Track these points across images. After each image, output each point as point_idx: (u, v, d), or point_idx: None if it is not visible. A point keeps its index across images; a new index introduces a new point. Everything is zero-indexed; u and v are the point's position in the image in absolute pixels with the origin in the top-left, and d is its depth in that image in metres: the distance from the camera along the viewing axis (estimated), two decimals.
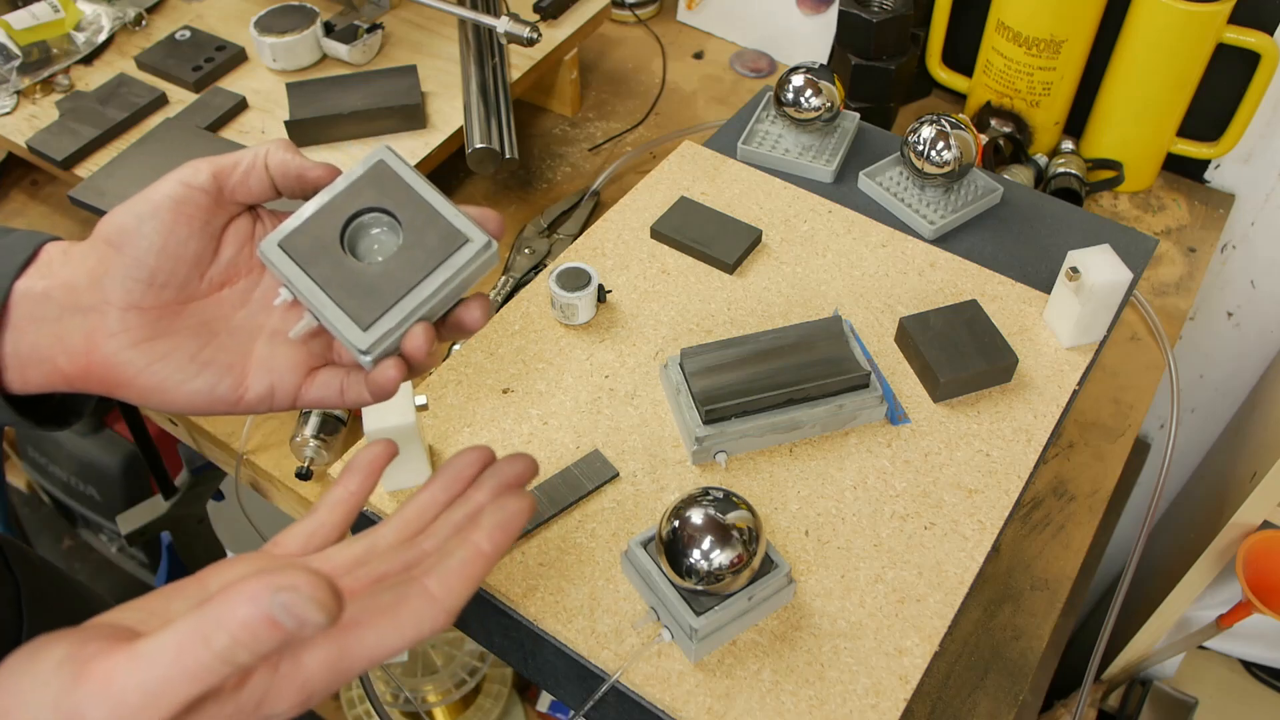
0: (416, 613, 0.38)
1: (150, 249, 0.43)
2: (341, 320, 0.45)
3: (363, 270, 0.46)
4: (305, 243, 0.46)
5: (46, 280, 0.43)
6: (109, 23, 1.04)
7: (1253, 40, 0.93)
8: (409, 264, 0.46)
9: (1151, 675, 1.21)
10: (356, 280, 0.45)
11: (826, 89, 0.78)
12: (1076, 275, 0.66)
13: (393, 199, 0.46)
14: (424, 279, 0.45)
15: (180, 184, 0.44)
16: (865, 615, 0.55)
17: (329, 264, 0.45)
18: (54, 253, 0.44)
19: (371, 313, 0.45)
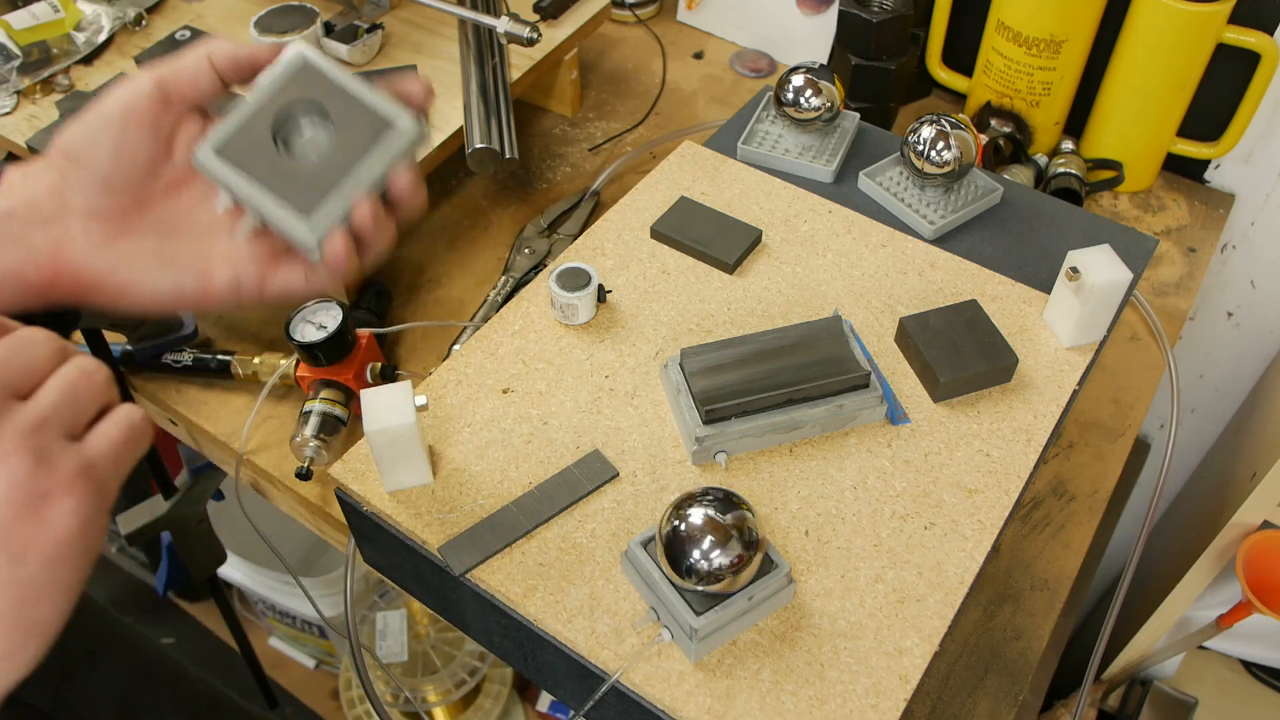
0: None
1: (104, 157, 0.46)
2: (283, 216, 0.47)
3: (298, 165, 0.47)
4: (239, 145, 0.47)
5: (8, 200, 0.46)
6: (109, 23, 1.04)
7: (1253, 40, 0.93)
8: (342, 154, 0.47)
9: (1151, 675, 1.21)
10: (293, 175, 0.47)
11: (826, 89, 0.78)
12: (1076, 275, 0.66)
13: (319, 92, 0.48)
14: (357, 166, 0.47)
15: (127, 92, 0.46)
16: (865, 615, 0.55)
17: (264, 163, 0.47)
18: (13, 175, 0.47)
19: (311, 204, 0.47)
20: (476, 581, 0.57)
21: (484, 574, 0.57)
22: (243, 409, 0.84)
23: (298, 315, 0.77)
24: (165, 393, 0.86)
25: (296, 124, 0.48)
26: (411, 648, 1.45)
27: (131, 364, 0.85)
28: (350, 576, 0.69)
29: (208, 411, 0.84)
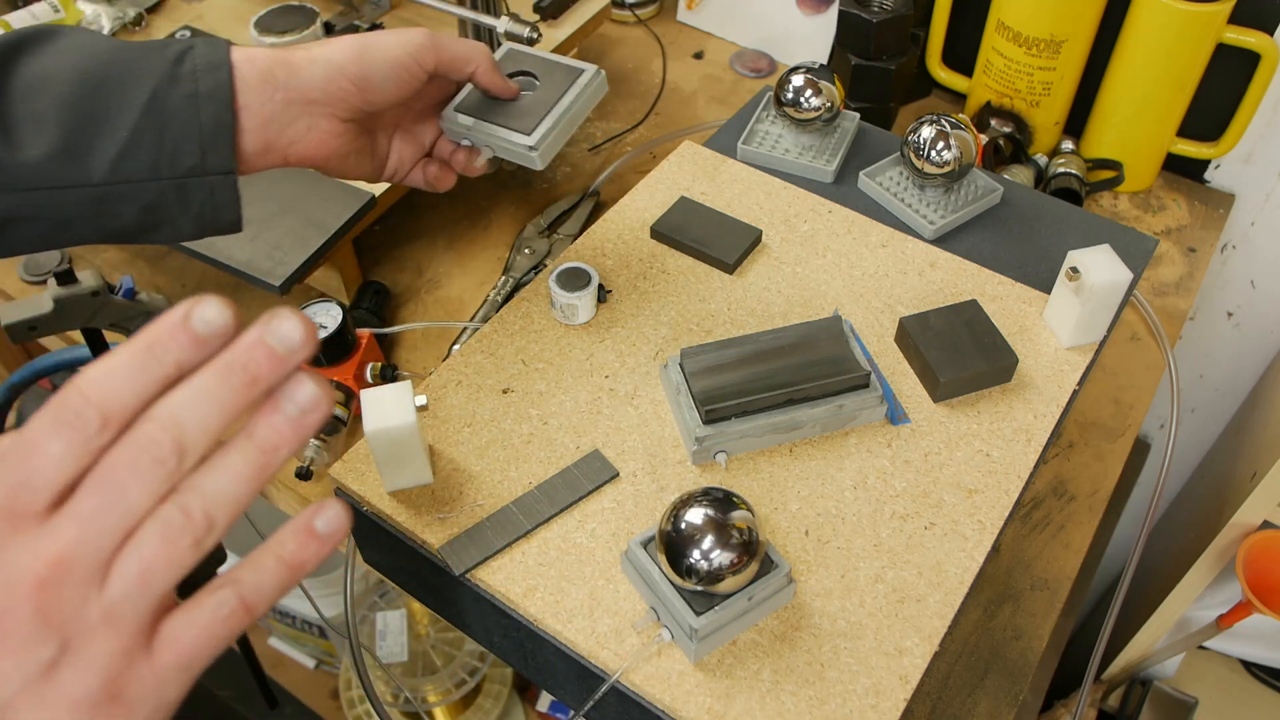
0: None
1: (384, 97, 0.60)
2: (513, 136, 0.64)
3: (517, 106, 0.65)
4: (473, 103, 0.66)
5: (284, 93, 0.57)
6: (109, 23, 1.04)
7: (1253, 40, 0.93)
8: (548, 93, 0.66)
9: (1151, 675, 1.21)
10: (515, 112, 0.65)
11: (826, 89, 0.78)
12: (1076, 275, 0.66)
13: (526, 64, 0.68)
14: (561, 96, 0.65)
15: (415, 62, 0.60)
16: (865, 615, 0.55)
17: (493, 110, 0.65)
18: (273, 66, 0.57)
19: (532, 124, 0.64)
20: (476, 581, 0.57)
21: (484, 574, 0.57)
22: None
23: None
24: None
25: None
26: (411, 648, 1.45)
27: None
28: (350, 576, 0.69)
29: None
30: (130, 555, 0.32)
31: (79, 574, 0.31)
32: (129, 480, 0.31)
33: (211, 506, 0.32)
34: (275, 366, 0.32)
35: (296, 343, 0.33)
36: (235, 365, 0.32)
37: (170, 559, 0.32)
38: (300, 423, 0.33)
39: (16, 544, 0.31)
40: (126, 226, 0.56)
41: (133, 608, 0.32)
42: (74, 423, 0.31)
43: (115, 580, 0.32)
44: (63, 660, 0.31)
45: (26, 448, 0.31)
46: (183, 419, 0.32)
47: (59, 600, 0.31)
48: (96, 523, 0.31)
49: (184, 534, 0.32)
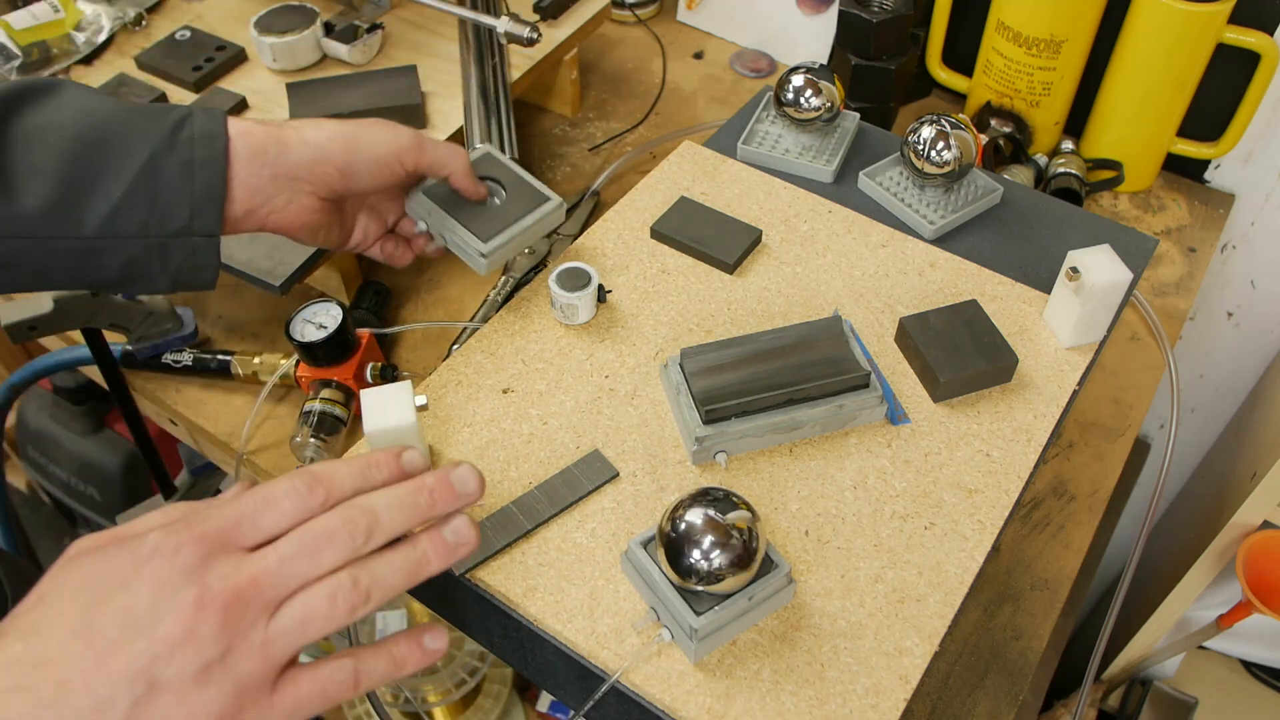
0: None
1: (363, 187, 0.65)
2: (468, 237, 0.68)
3: (480, 210, 0.69)
4: (440, 192, 0.70)
5: (272, 169, 0.60)
6: (109, 23, 1.04)
7: (1253, 40, 0.93)
8: (512, 209, 0.70)
9: (1151, 675, 1.21)
10: (477, 215, 0.69)
11: (826, 89, 0.78)
12: (1076, 275, 0.66)
13: (498, 172, 0.71)
14: (523, 218, 0.69)
15: (398, 162, 0.65)
16: (865, 615, 0.55)
17: (457, 205, 0.69)
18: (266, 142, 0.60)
19: (490, 232, 0.68)
20: (476, 581, 0.57)
21: (484, 574, 0.57)
22: (243, 409, 0.84)
23: (298, 315, 0.77)
24: (165, 393, 0.86)
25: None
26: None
27: (131, 364, 0.85)
28: None
29: (208, 411, 0.84)
30: (300, 601, 0.39)
31: (262, 600, 0.39)
32: (325, 543, 0.40)
33: (372, 585, 0.40)
34: (450, 500, 0.43)
35: (471, 489, 0.44)
36: (424, 489, 0.43)
37: (328, 615, 0.39)
38: (453, 548, 0.43)
39: (226, 560, 0.39)
40: (107, 279, 0.59)
41: (284, 644, 0.39)
42: (305, 493, 0.41)
43: (282, 616, 0.39)
44: (217, 668, 0.38)
45: (266, 495, 0.41)
46: (378, 512, 0.41)
47: (240, 615, 0.38)
48: (291, 564, 0.39)
49: (346, 599, 0.40)
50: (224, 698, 0.38)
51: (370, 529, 0.41)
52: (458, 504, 0.43)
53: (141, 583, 0.38)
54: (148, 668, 0.37)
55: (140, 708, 0.37)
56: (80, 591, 0.38)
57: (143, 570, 0.38)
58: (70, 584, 0.39)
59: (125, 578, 0.38)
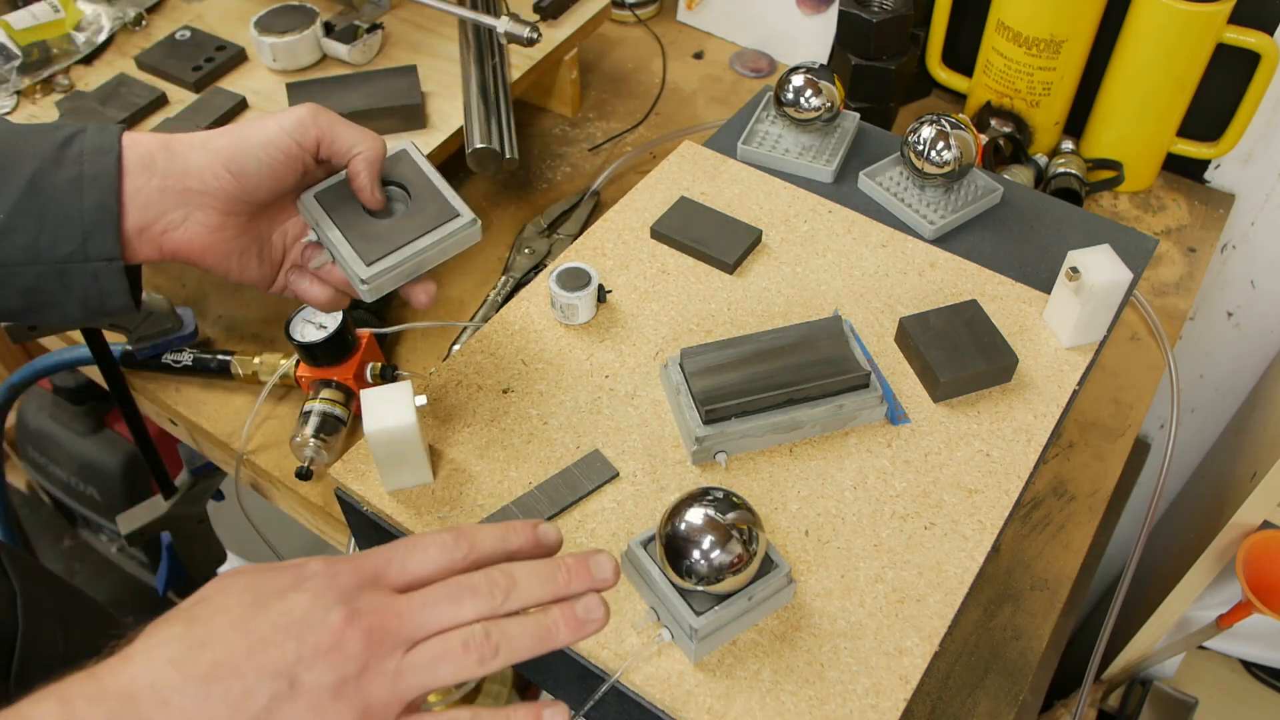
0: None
1: (261, 185, 0.56)
2: (350, 256, 0.58)
3: (374, 224, 0.59)
4: (335, 198, 0.59)
5: (161, 179, 0.54)
6: (109, 23, 1.04)
7: (1253, 40, 0.93)
8: (410, 224, 0.59)
9: (1151, 675, 1.21)
10: (368, 230, 0.58)
11: (826, 89, 0.78)
12: (1076, 275, 0.66)
13: (406, 177, 0.60)
14: (419, 237, 0.58)
15: (293, 141, 0.56)
16: (865, 615, 0.55)
17: (350, 216, 0.59)
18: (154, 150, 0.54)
19: (375, 254, 0.58)
20: None
21: None
22: (243, 409, 0.84)
23: (298, 315, 0.77)
24: (165, 393, 0.86)
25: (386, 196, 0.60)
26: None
27: (131, 364, 0.85)
28: None
29: (208, 411, 0.84)
30: (436, 642, 0.42)
31: (403, 633, 0.41)
32: (468, 594, 0.43)
33: (503, 642, 0.42)
34: (585, 581, 0.45)
35: (606, 576, 0.46)
36: (562, 566, 0.45)
37: (459, 660, 0.42)
38: (583, 623, 0.44)
39: (376, 593, 0.42)
40: (9, 308, 0.55)
41: (414, 679, 0.41)
42: (451, 545, 0.44)
43: (417, 653, 0.41)
44: (352, 684, 0.40)
45: (416, 542, 0.45)
46: (519, 579, 0.44)
47: (381, 641, 0.41)
48: (434, 608, 0.42)
49: (478, 649, 0.42)
50: (351, 715, 0.40)
51: (509, 590, 0.43)
52: (590, 586, 0.45)
53: (301, 595, 0.41)
54: (292, 668, 0.39)
55: (277, 704, 0.39)
56: (244, 594, 0.42)
57: (304, 585, 0.42)
58: (235, 588, 0.42)
59: (286, 589, 0.41)
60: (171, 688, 0.39)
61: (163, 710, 0.38)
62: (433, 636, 0.42)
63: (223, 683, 0.39)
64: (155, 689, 0.39)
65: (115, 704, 0.38)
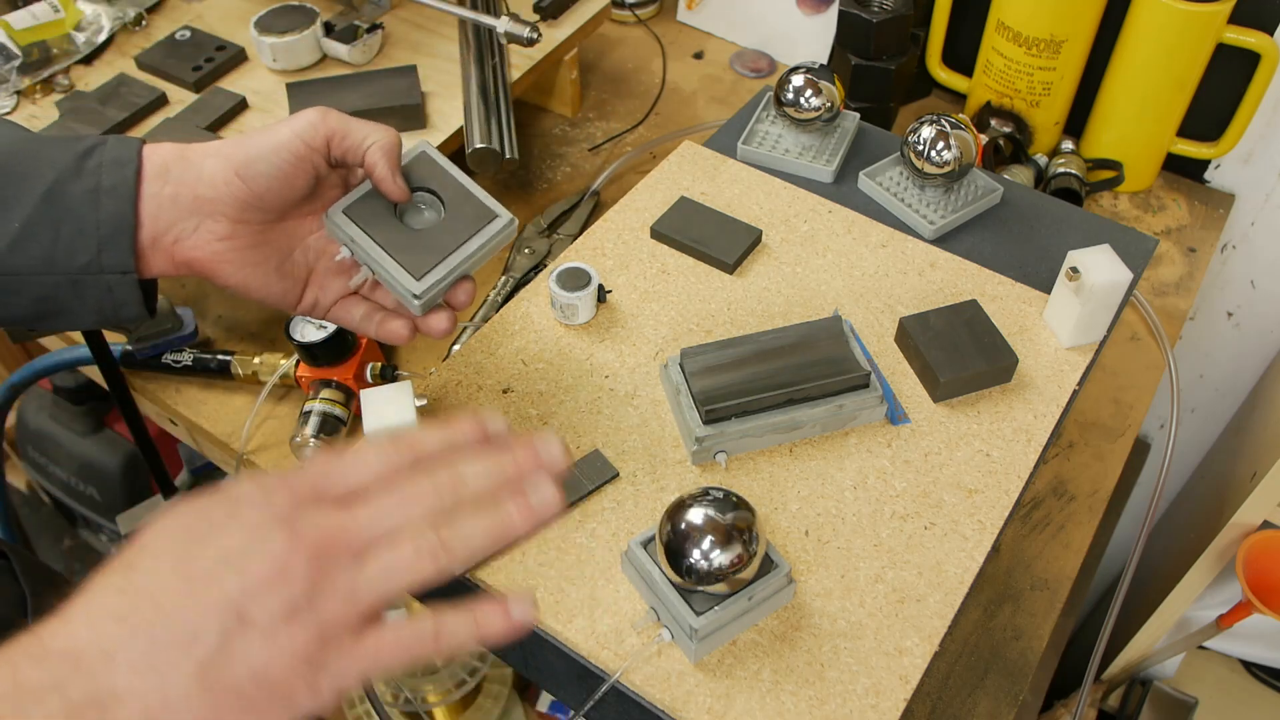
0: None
1: (271, 190, 0.54)
2: (397, 271, 0.56)
3: (413, 234, 0.57)
4: (365, 211, 0.57)
5: (174, 187, 0.53)
6: (109, 23, 1.04)
7: (1253, 40, 0.93)
8: (451, 231, 0.57)
9: (1151, 675, 1.21)
10: (409, 241, 0.57)
11: (826, 89, 0.78)
12: (1076, 275, 0.66)
13: (436, 182, 0.58)
14: (464, 243, 0.57)
15: (302, 143, 0.54)
16: (865, 615, 0.55)
17: (386, 228, 0.57)
18: (170, 159, 0.54)
19: (423, 266, 0.56)
20: (476, 582, 0.57)
21: (484, 574, 0.57)
22: (243, 409, 0.84)
23: (298, 315, 0.77)
24: (165, 393, 0.86)
25: (414, 202, 0.58)
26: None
27: (131, 364, 0.85)
28: None
29: (208, 411, 0.84)
30: (387, 553, 0.40)
31: (350, 548, 0.40)
32: (414, 499, 0.41)
33: (455, 543, 0.41)
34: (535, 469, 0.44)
35: (556, 459, 0.44)
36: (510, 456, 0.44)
37: (413, 567, 0.40)
38: (537, 512, 0.43)
39: (316, 510, 0.40)
40: (21, 315, 0.55)
41: (370, 592, 0.40)
42: (390, 450, 0.43)
43: (369, 566, 0.40)
44: (304, 609, 0.38)
45: (355, 451, 0.43)
46: (466, 476, 0.43)
47: (328, 560, 0.39)
48: (381, 516, 0.41)
49: (430, 554, 0.41)
50: (308, 639, 0.39)
51: (456, 489, 0.42)
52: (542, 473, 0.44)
53: (236, 526, 0.40)
54: (238, 601, 0.38)
55: (229, 640, 0.38)
56: (178, 534, 0.40)
57: (237, 515, 0.40)
58: (168, 529, 0.40)
59: (221, 521, 0.40)
60: (116, 641, 0.37)
61: (108, 665, 0.37)
62: (384, 546, 0.41)
63: (168, 628, 0.38)
64: (99, 645, 0.37)
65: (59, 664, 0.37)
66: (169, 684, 0.37)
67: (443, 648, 0.42)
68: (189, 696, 0.37)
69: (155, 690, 0.37)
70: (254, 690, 0.38)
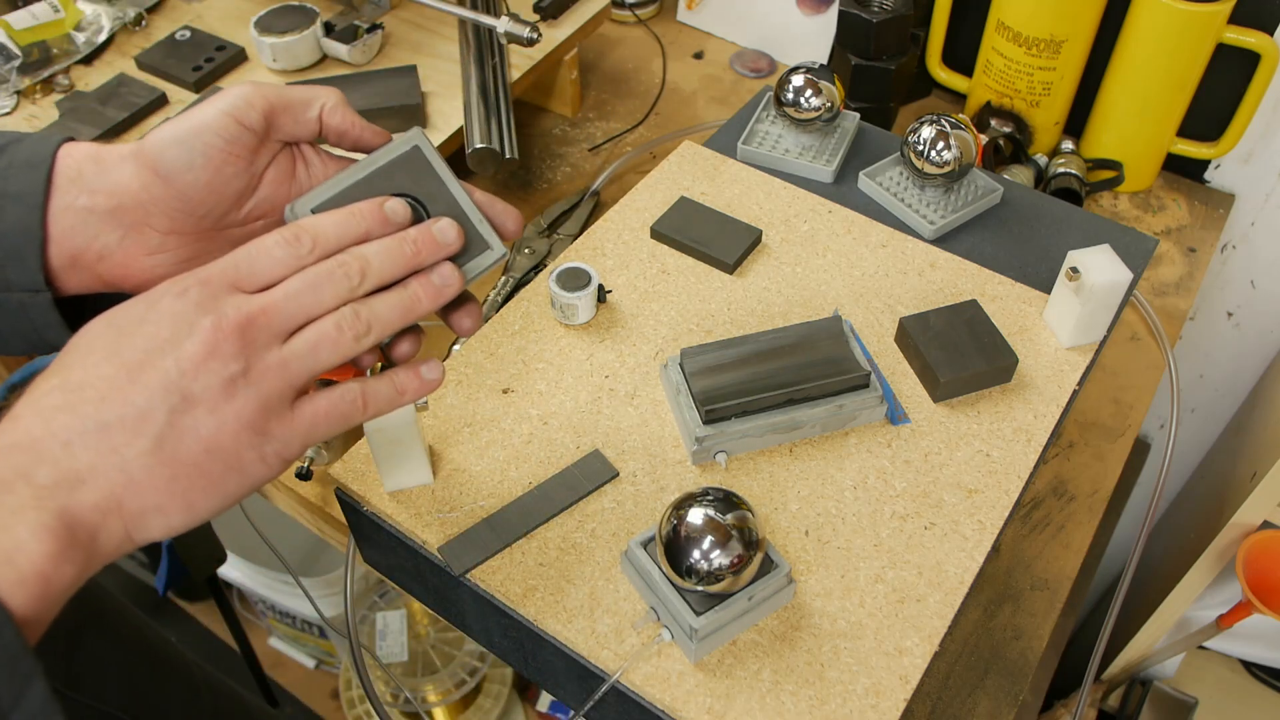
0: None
1: (197, 184, 0.47)
2: None
3: None
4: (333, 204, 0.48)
5: (88, 196, 0.47)
6: (109, 23, 1.04)
7: (1253, 40, 0.93)
8: None
9: (1151, 675, 1.21)
10: None
11: (826, 89, 0.78)
12: (1076, 275, 0.66)
13: (424, 190, 0.49)
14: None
15: (233, 121, 0.46)
16: (865, 615, 0.55)
17: None
18: (83, 162, 0.47)
19: None
20: (476, 581, 0.57)
21: (484, 574, 0.57)
22: None
23: None
24: None
25: None
26: (411, 648, 1.45)
27: None
28: (350, 576, 0.70)
29: None
30: (310, 330, 0.43)
31: (273, 326, 0.42)
32: (325, 282, 0.43)
33: (373, 319, 0.44)
34: (434, 250, 0.46)
35: (451, 239, 0.47)
36: (409, 239, 0.45)
37: (336, 342, 0.43)
38: (440, 290, 0.46)
39: (233, 297, 0.42)
40: None
41: (299, 366, 0.42)
42: (294, 242, 0.43)
43: (295, 342, 0.42)
44: (240, 381, 0.41)
45: (258, 248, 0.43)
46: (369, 259, 0.44)
47: (255, 338, 0.41)
48: (295, 299, 0.42)
49: (350, 328, 0.43)
50: (251, 408, 0.41)
51: (363, 272, 0.44)
52: (440, 254, 0.46)
53: (159, 317, 0.41)
54: (178, 381, 0.40)
55: (177, 416, 0.40)
56: (104, 332, 0.41)
57: (157, 308, 0.41)
58: (92, 330, 0.41)
59: (143, 316, 0.41)
60: (69, 430, 0.39)
61: (68, 451, 0.38)
62: (305, 325, 0.43)
63: (117, 413, 0.39)
64: (54, 435, 0.39)
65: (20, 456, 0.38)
66: (129, 462, 0.39)
67: (370, 410, 0.45)
68: (149, 470, 0.39)
69: (117, 469, 0.39)
70: (208, 461, 0.40)
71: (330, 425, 0.44)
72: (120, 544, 0.40)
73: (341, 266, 0.44)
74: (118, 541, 0.40)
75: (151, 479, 0.39)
